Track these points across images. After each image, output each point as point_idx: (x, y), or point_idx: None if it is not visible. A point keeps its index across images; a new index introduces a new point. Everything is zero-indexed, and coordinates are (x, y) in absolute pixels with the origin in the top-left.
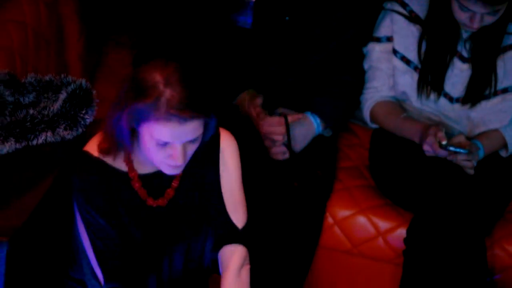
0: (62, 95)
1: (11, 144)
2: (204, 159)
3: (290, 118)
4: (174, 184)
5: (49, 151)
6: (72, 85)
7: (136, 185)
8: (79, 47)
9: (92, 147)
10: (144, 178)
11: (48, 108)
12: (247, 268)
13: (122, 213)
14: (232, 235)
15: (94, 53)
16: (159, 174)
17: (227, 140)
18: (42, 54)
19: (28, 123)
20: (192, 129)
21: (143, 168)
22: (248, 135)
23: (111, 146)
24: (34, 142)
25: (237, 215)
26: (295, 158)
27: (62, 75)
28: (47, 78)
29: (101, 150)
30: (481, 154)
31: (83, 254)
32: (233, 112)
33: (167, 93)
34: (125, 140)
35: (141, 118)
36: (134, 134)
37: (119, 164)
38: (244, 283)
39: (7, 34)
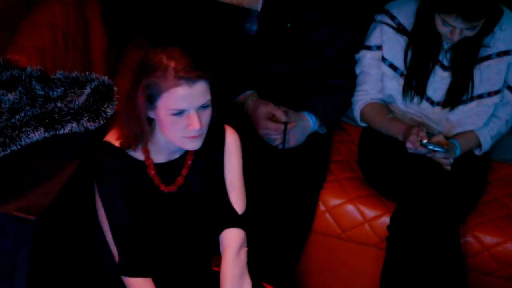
0: (87, 90)
1: (41, 132)
2: (211, 151)
3: (289, 126)
4: (184, 172)
5: (74, 139)
6: (95, 81)
7: (152, 172)
8: (103, 47)
9: (112, 137)
10: (158, 166)
11: (74, 101)
12: (245, 250)
13: (137, 197)
14: (233, 219)
15: (115, 52)
16: (171, 163)
17: (231, 134)
18: (69, 53)
19: (56, 115)
20: (201, 92)
21: (157, 158)
22: (247, 131)
23: (129, 140)
24: (61, 132)
25: (238, 201)
26: (287, 161)
27: (87, 72)
28: (73, 74)
29: (122, 145)
30: (457, 152)
31: (100, 234)
32: (234, 109)
33: (172, 63)
34: (143, 124)
35: (154, 93)
36: (150, 123)
37: (137, 153)
38: (242, 262)
39: (40, 35)
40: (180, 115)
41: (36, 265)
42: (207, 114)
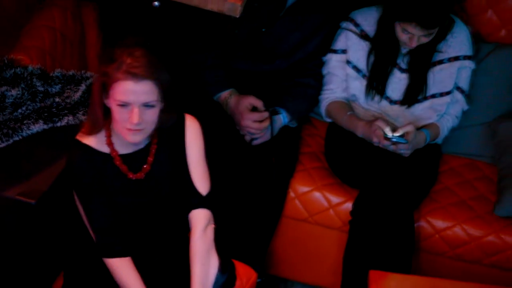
0: (82, 87)
1: (40, 125)
2: (173, 138)
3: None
4: (149, 160)
5: (70, 131)
6: (90, 79)
7: (117, 162)
8: (97, 49)
9: (81, 136)
10: (124, 157)
11: (70, 97)
12: (211, 227)
13: (109, 186)
14: (198, 201)
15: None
16: (137, 153)
17: (191, 122)
18: (67, 54)
19: (54, 109)
20: (145, 90)
21: (124, 149)
22: (227, 124)
23: (89, 125)
24: (59, 124)
25: (201, 183)
26: (270, 145)
27: (83, 71)
28: (70, 73)
29: (84, 131)
30: (428, 139)
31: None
32: (214, 107)
33: (129, 60)
34: (97, 109)
35: (107, 82)
36: (108, 113)
37: (103, 147)
38: (209, 239)
39: (40, 37)
40: (124, 107)
41: (36, 243)
42: (150, 112)
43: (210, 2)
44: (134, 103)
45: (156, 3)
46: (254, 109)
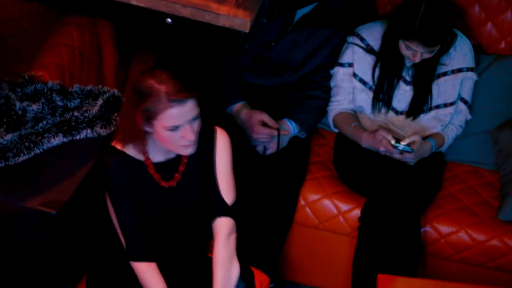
0: (99, 101)
1: (60, 138)
2: (204, 150)
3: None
4: (181, 169)
5: (89, 144)
6: (107, 93)
7: (151, 170)
8: (113, 65)
9: (117, 142)
10: (157, 165)
11: (88, 111)
12: (234, 236)
13: (140, 193)
14: (223, 209)
15: (124, 69)
16: (169, 162)
17: (221, 134)
18: (85, 69)
19: (73, 123)
20: (191, 108)
21: (156, 157)
22: (239, 136)
23: (127, 139)
24: (78, 137)
25: (228, 193)
26: (280, 155)
27: (100, 86)
28: (88, 88)
29: (118, 139)
30: (433, 148)
31: (111, 224)
32: (228, 118)
33: (163, 87)
34: (143, 136)
35: (151, 115)
36: (147, 132)
37: (138, 155)
38: (231, 247)
39: (59, 54)
40: (175, 130)
41: (57, 252)
42: (197, 124)
43: (221, 18)
44: (184, 123)
45: (169, 20)
46: (265, 123)
